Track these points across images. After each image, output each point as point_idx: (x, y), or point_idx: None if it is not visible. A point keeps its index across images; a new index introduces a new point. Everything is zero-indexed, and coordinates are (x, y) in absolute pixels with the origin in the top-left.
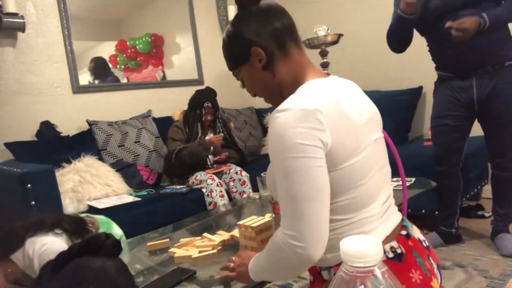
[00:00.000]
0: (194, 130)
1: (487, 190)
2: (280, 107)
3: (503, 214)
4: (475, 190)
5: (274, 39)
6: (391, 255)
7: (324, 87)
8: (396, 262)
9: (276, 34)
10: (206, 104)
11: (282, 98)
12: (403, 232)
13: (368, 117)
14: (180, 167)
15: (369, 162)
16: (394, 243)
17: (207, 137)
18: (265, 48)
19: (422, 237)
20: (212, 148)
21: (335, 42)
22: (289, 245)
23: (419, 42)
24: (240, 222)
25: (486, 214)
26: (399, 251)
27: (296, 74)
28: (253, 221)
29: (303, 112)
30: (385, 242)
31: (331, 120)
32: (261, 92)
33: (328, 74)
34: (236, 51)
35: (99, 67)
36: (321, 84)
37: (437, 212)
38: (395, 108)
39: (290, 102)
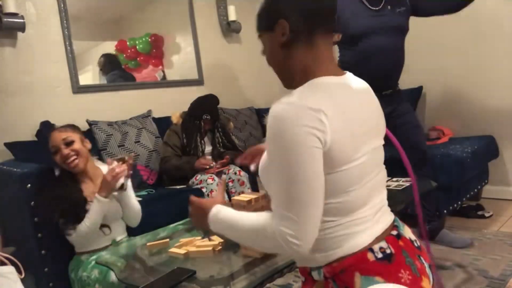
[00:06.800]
0: (193, 139)
1: (487, 190)
2: (285, 99)
3: None
4: (475, 190)
5: (305, 20)
6: (380, 255)
7: (333, 88)
8: (385, 262)
9: (309, 16)
10: (205, 117)
11: (293, 79)
12: (394, 232)
13: (372, 125)
14: (166, 173)
15: (365, 170)
16: (383, 244)
17: (196, 163)
18: (292, 25)
19: (413, 237)
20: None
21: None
22: (286, 241)
23: (418, 43)
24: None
25: (486, 214)
26: (388, 251)
27: (311, 63)
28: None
29: (306, 110)
30: (375, 242)
31: (333, 124)
32: (275, 66)
33: (344, 72)
34: (266, 16)
35: (109, 62)
36: (331, 84)
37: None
38: None
39: (295, 97)
